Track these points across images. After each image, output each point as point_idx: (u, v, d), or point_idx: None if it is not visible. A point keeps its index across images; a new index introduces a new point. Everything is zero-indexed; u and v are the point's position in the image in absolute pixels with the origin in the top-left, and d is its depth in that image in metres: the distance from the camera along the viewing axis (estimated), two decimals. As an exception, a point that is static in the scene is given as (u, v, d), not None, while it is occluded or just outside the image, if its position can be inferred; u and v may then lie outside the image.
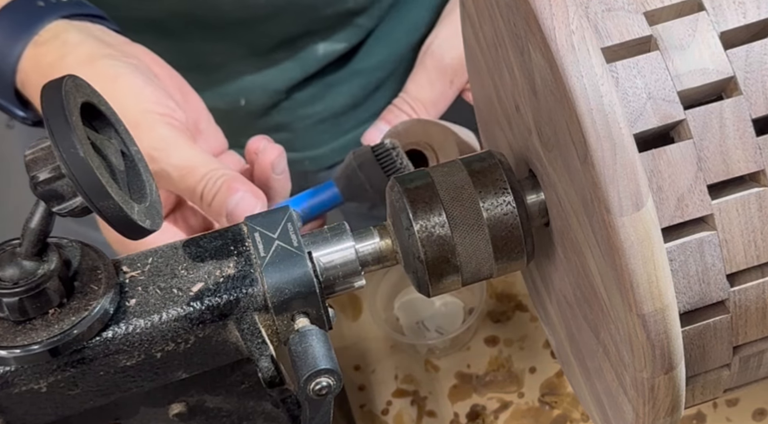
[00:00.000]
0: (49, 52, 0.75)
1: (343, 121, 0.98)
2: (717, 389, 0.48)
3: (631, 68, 0.43)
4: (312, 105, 0.96)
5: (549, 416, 0.78)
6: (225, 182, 0.70)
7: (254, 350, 0.50)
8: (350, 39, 0.92)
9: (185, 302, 0.50)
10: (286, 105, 0.95)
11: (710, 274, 0.44)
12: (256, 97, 0.93)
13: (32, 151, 0.46)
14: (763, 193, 0.44)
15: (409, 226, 0.51)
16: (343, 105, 0.97)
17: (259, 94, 0.93)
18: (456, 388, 0.81)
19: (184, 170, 0.71)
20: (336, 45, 0.91)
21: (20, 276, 0.47)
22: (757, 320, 0.45)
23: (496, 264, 0.52)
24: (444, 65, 0.79)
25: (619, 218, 0.41)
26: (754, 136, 0.43)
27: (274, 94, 0.93)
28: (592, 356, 0.52)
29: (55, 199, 0.45)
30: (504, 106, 0.57)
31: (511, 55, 0.51)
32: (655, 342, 0.43)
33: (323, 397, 0.49)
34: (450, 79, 0.79)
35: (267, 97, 0.93)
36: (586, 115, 0.42)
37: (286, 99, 0.94)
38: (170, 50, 0.84)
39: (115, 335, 0.49)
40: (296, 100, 0.95)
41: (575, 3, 0.43)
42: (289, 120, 0.96)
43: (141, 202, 0.48)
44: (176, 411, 0.53)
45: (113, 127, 0.49)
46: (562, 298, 0.55)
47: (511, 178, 0.52)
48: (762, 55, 0.44)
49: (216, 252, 0.51)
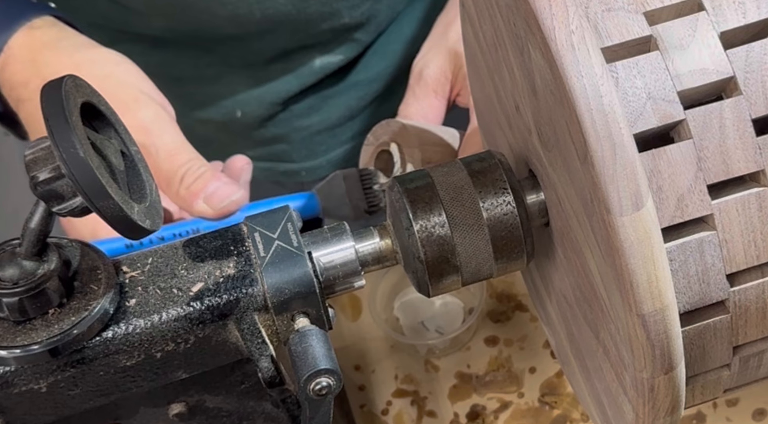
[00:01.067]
0: (46, 34, 0.75)
1: (339, 132, 0.98)
2: (717, 389, 0.48)
3: (631, 68, 0.43)
4: (308, 117, 0.96)
5: (549, 416, 0.78)
6: (209, 171, 0.71)
7: (254, 350, 0.50)
8: (347, 52, 0.92)
9: (185, 302, 0.50)
10: (283, 117, 0.95)
11: (710, 274, 0.44)
12: (252, 109, 0.93)
13: (32, 151, 0.46)
14: (763, 194, 0.44)
15: (409, 226, 0.51)
16: (340, 117, 0.97)
17: (255, 106, 0.93)
18: (456, 388, 0.81)
19: (172, 151, 0.72)
20: (332, 58, 0.92)
21: (20, 276, 0.47)
22: (757, 320, 0.45)
23: (496, 264, 0.52)
24: (424, 78, 0.80)
25: (619, 217, 0.41)
26: (754, 136, 0.43)
27: (270, 106, 0.93)
28: (592, 356, 0.52)
29: (55, 199, 0.45)
30: (504, 106, 0.57)
31: (511, 55, 0.51)
32: (655, 342, 0.43)
33: (323, 397, 0.49)
34: (432, 90, 0.80)
35: (263, 109, 0.93)
36: (586, 115, 0.42)
37: (283, 111, 0.94)
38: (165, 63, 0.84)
39: (115, 335, 0.49)
40: (293, 112, 0.95)
41: (575, 3, 0.43)
42: (285, 132, 0.96)
43: (141, 202, 0.48)
44: (176, 411, 0.53)
45: (113, 127, 0.49)
46: (562, 298, 0.55)
47: (511, 179, 0.52)
48: (762, 55, 0.44)
49: (216, 252, 0.51)
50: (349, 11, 0.88)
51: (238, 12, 0.84)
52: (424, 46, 0.83)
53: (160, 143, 0.71)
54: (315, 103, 0.95)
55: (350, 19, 0.89)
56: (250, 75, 0.91)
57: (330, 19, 0.88)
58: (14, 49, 0.75)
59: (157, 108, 0.73)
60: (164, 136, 0.72)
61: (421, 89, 0.80)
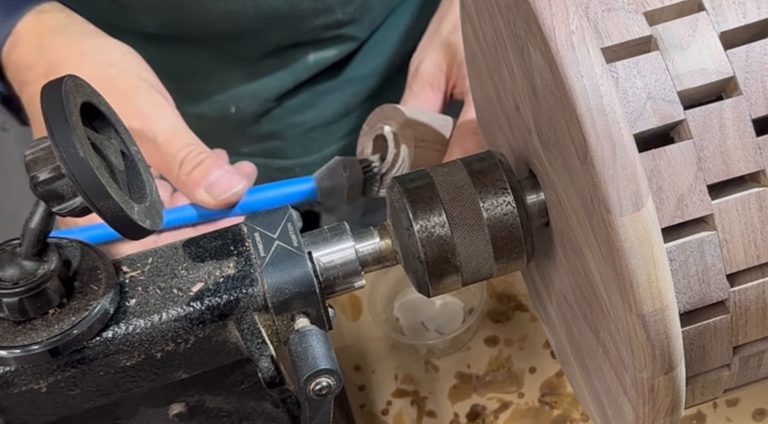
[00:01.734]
0: (54, 18, 0.76)
1: (334, 129, 0.98)
2: (717, 389, 0.48)
3: (631, 68, 0.43)
4: (303, 113, 0.96)
5: (549, 416, 0.78)
6: (210, 156, 0.71)
7: (254, 350, 0.50)
8: (341, 48, 0.92)
9: (185, 302, 0.50)
10: (277, 113, 0.95)
11: (710, 274, 0.44)
12: (247, 106, 0.93)
13: (32, 151, 0.46)
14: (763, 194, 0.44)
15: (409, 226, 0.51)
16: (335, 113, 0.97)
17: (249, 103, 0.93)
18: (456, 388, 0.81)
19: (171, 135, 0.71)
20: (326, 54, 0.92)
21: (20, 276, 0.47)
22: (757, 320, 0.45)
23: (496, 264, 0.52)
24: (420, 74, 0.81)
25: (619, 217, 0.41)
26: (754, 136, 0.43)
27: (264, 102, 0.93)
28: (592, 356, 0.52)
29: (55, 199, 0.45)
30: (504, 106, 0.57)
31: (511, 55, 0.51)
32: (655, 342, 0.43)
33: (323, 397, 0.49)
34: (429, 84, 0.80)
35: (257, 105, 0.93)
36: (586, 115, 0.42)
37: (277, 107, 0.94)
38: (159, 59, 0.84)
39: (115, 335, 0.49)
40: (287, 109, 0.95)
41: (575, 3, 0.43)
42: (279, 128, 0.96)
43: (141, 203, 0.48)
44: (176, 411, 0.53)
45: (113, 127, 0.49)
46: (562, 298, 0.55)
47: (511, 179, 0.52)
48: (762, 55, 0.44)
49: (216, 252, 0.51)
50: (342, 7, 0.88)
51: (230, 8, 0.85)
52: (420, 44, 0.84)
53: (157, 128, 0.71)
54: (309, 99, 0.95)
55: (343, 15, 0.89)
56: (244, 71, 0.91)
57: (323, 15, 0.88)
58: (22, 32, 0.75)
59: (155, 95, 0.73)
60: (162, 122, 0.72)
61: (417, 85, 0.80)
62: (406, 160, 0.74)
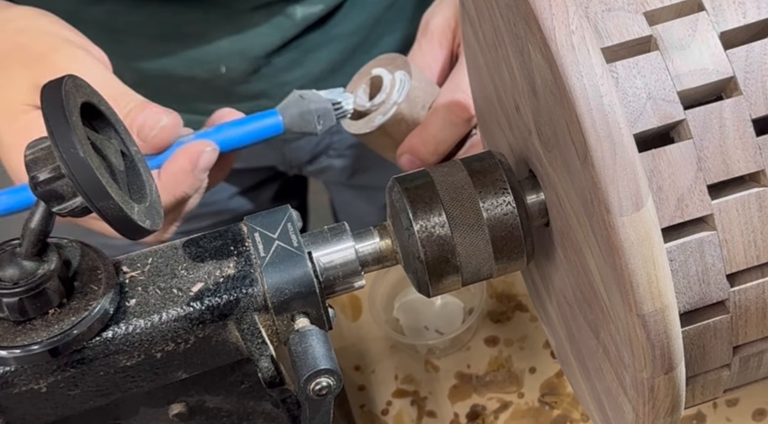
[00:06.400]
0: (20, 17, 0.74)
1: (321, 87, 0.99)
2: (717, 389, 0.48)
3: (631, 68, 0.43)
4: (291, 71, 0.96)
5: (549, 416, 0.78)
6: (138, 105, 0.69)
7: (254, 350, 0.50)
8: (327, 2, 0.92)
9: (185, 302, 0.50)
10: (266, 71, 0.95)
11: (710, 274, 0.44)
12: (237, 64, 0.94)
13: (32, 151, 0.46)
14: (763, 193, 0.44)
15: (409, 226, 0.51)
16: (322, 70, 0.98)
17: (238, 61, 0.93)
18: (456, 388, 0.81)
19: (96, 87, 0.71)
20: (313, 8, 0.92)
21: (20, 276, 0.47)
22: (757, 320, 0.45)
23: (496, 264, 0.52)
24: (430, 30, 0.81)
25: (619, 218, 0.41)
26: (754, 137, 0.43)
27: (253, 60, 0.94)
28: (592, 356, 0.52)
29: (55, 199, 0.45)
30: (504, 106, 0.57)
31: (511, 55, 0.51)
32: (655, 342, 0.43)
33: (323, 397, 0.49)
34: (437, 41, 0.80)
35: (247, 63, 0.94)
36: (586, 115, 0.42)
37: (266, 65, 0.95)
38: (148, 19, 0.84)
39: (115, 335, 0.49)
40: (275, 67, 0.95)
41: (575, 3, 0.43)
42: (268, 86, 0.97)
43: (141, 202, 0.48)
44: (176, 411, 0.53)
45: (113, 127, 0.49)
46: (562, 298, 0.55)
47: (511, 179, 0.52)
48: (762, 55, 0.44)
49: (216, 252, 0.51)
50: None
51: None
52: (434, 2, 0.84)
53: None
54: (297, 56, 0.96)
55: None
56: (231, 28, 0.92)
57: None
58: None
59: (76, 50, 0.71)
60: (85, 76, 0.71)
61: (426, 41, 0.80)
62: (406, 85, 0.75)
